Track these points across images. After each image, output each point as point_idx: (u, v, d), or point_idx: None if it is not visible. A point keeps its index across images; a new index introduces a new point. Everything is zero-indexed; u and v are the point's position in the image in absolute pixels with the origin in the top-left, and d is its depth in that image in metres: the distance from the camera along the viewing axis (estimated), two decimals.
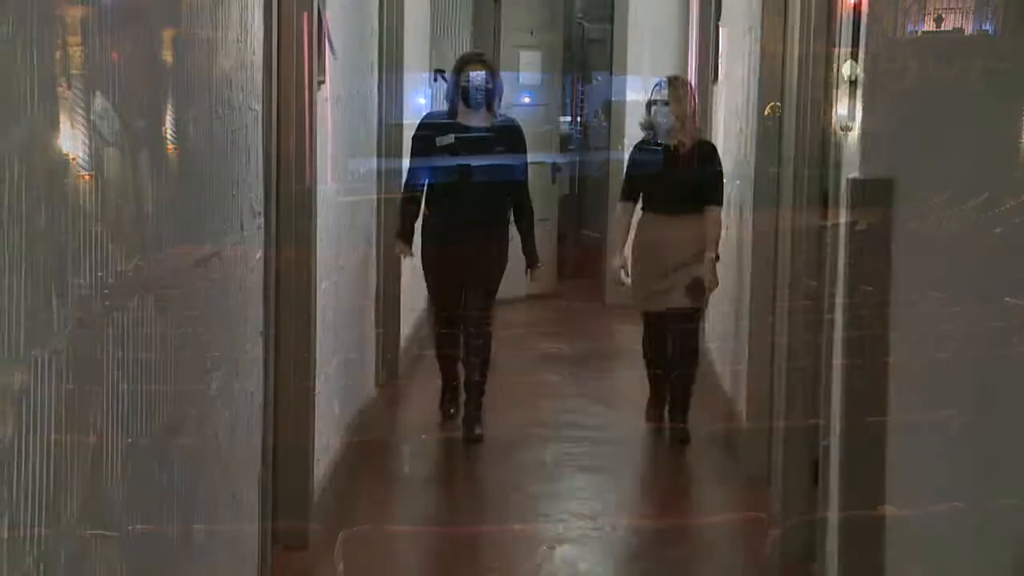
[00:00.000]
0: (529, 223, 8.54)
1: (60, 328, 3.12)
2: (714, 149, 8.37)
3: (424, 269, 8.54)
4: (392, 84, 9.16)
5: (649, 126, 8.31)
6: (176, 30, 3.98)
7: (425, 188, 8.35)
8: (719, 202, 8.09)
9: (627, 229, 8.38)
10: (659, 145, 8.21)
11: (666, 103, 8.06)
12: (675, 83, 8.29)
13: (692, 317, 8.34)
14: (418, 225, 8.43)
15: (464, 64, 8.34)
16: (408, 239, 8.40)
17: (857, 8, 5.00)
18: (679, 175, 8.11)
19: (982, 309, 4.90)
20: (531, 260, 8.54)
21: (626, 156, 9.12)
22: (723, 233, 8.33)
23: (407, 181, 8.42)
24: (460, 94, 8.17)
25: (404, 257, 8.73)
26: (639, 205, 8.39)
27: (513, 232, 8.69)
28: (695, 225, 8.02)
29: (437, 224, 8.29)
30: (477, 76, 8.16)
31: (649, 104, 8.27)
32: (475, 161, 8.12)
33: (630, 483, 7.57)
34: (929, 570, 4.96)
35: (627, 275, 8.32)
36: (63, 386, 3.15)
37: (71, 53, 3.16)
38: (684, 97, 8.16)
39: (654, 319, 8.34)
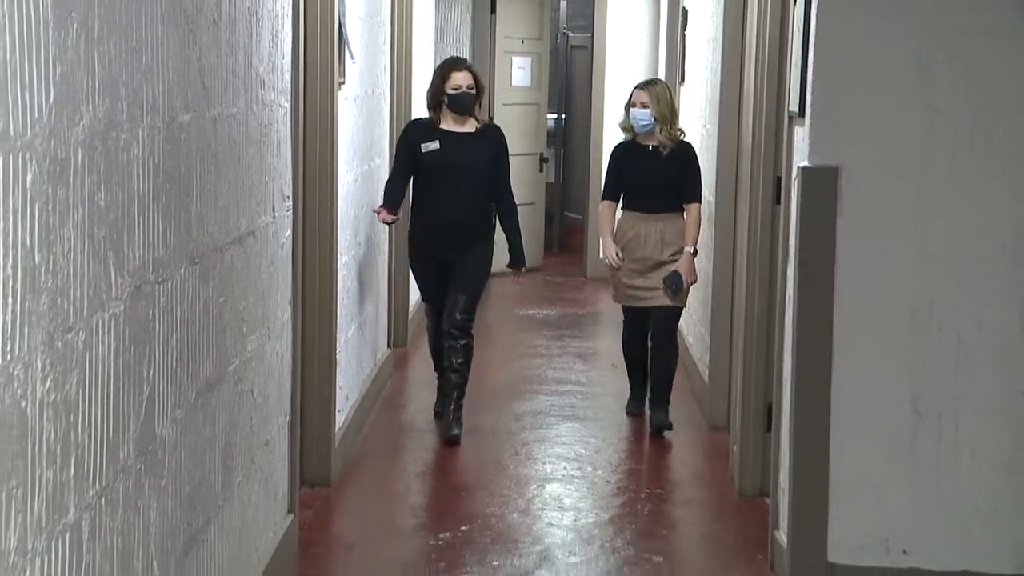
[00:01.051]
0: (515, 226, 7.58)
1: (118, 295, 3.13)
2: (692, 149, 7.57)
3: (412, 271, 7.84)
4: (402, 85, 9.13)
5: (629, 127, 7.52)
6: (216, 37, 3.98)
7: (409, 195, 7.62)
8: (699, 199, 7.48)
9: (612, 224, 7.57)
10: (640, 145, 7.49)
11: (646, 105, 7.30)
12: (653, 85, 7.58)
13: (673, 313, 7.50)
14: (404, 230, 7.77)
15: (448, 70, 7.27)
16: (393, 205, 7.29)
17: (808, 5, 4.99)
18: (660, 175, 7.40)
19: (913, 274, 4.91)
20: (517, 261, 7.66)
21: (606, 156, 8.56)
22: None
23: (389, 188, 7.38)
24: (446, 101, 7.17)
25: (388, 220, 7.40)
26: (620, 204, 7.70)
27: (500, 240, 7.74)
28: (676, 223, 7.40)
29: (422, 230, 7.38)
30: (463, 82, 7.14)
31: (628, 106, 7.47)
32: (459, 167, 7.17)
33: (609, 430, 7.57)
34: (866, 501, 4.97)
35: (620, 258, 7.41)
36: (120, 345, 3.16)
37: (128, 60, 3.15)
38: (663, 98, 7.39)
39: (636, 315, 7.60)
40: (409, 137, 7.36)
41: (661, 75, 11.33)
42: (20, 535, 2.59)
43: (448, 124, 7.22)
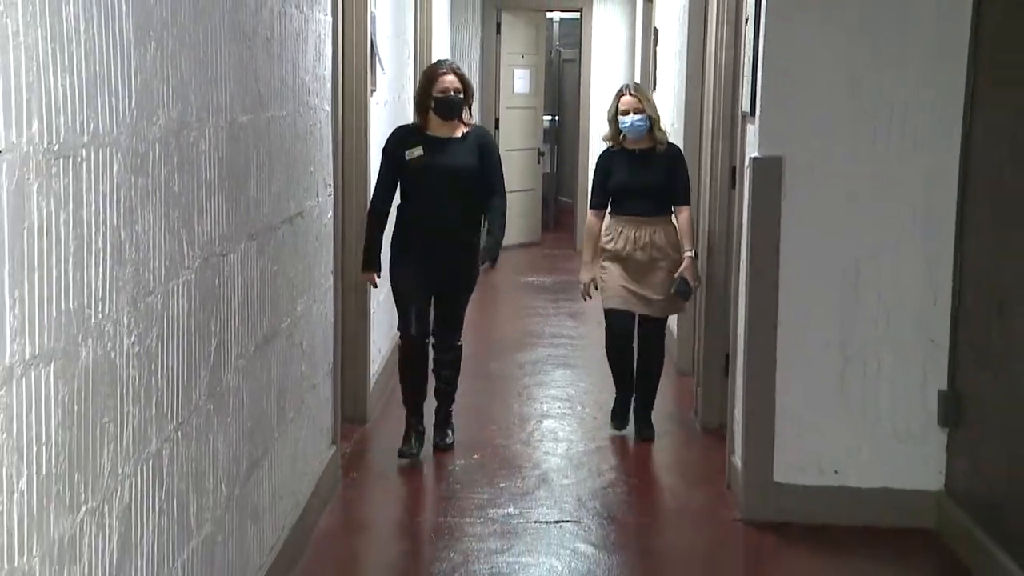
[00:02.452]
0: (499, 220, 5.96)
1: (189, 265, 3.15)
2: (680, 151, 6.31)
3: (392, 282, 5.93)
4: None
5: (616, 135, 6.12)
6: (270, 52, 3.98)
7: (393, 202, 5.90)
8: (689, 202, 6.17)
9: (598, 239, 6.20)
10: (629, 151, 6.11)
11: (639, 110, 5.99)
12: (638, 88, 6.28)
13: (664, 318, 6.28)
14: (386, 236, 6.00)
15: (435, 73, 5.79)
16: (376, 266, 5.82)
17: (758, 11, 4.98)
18: (652, 178, 6.06)
19: (842, 242, 4.91)
20: (490, 254, 5.93)
21: (592, 150, 7.95)
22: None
23: (375, 198, 5.87)
24: (432, 104, 5.69)
25: (371, 285, 6.03)
26: (608, 211, 6.28)
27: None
28: (667, 228, 6.09)
29: (406, 239, 5.80)
30: (450, 86, 5.68)
31: (615, 116, 6.09)
32: (445, 173, 5.70)
33: (595, 376, 7.57)
34: (804, 430, 4.98)
35: (596, 289, 6.21)
36: (192, 306, 3.18)
37: (196, 71, 3.16)
38: (650, 98, 6.22)
39: (622, 319, 6.16)
40: (393, 143, 5.84)
41: (637, 82, 11.29)
42: (112, 462, 2.61)
43: (434, 129, 5.73)
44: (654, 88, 9.78)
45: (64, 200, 2.32)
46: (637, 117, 6.00)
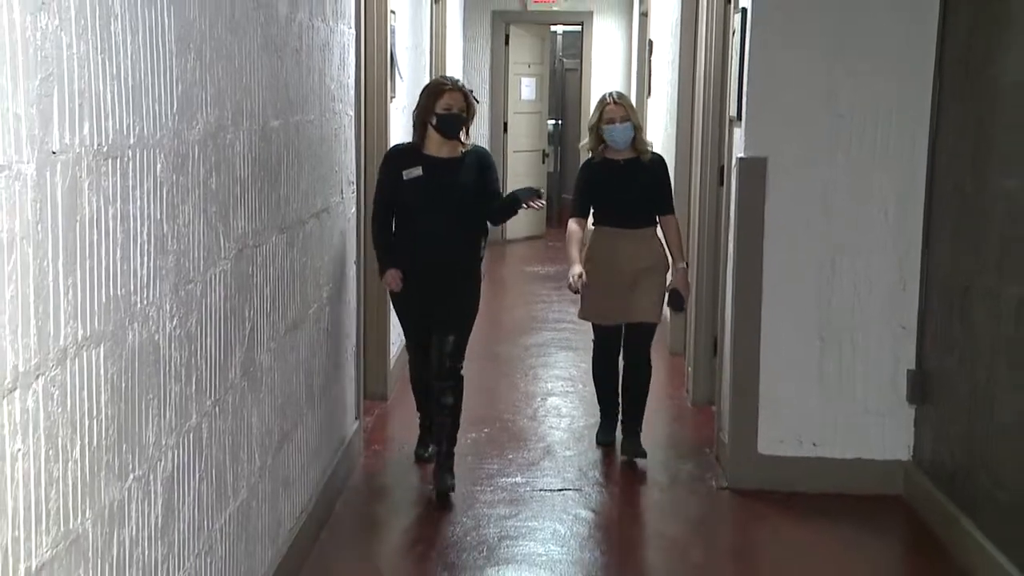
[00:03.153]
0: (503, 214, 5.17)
1: (225, 255, 3.15)
2: (663, 159, 5.55)
3: (393, 305, 5.33)
4: None
5: (598, 145, 5.35)
6: (298, 62, 3.98)
7: (392, 224, 5.06)
8: (674, 210, 5.48)
9: (581, 243, 5.41)
10: (612, 161, 5.35)
11: (625, 119, 5.26)
12: (624, 97, 5.50)
13: (650, 329, 5.46)
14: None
15: (440, 90, 4.94)
16: (395, 261, 4.99)
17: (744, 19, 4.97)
18: (637, 189, 5.33)
19: (820, 237, 4.91)
20: (518, 196, 5.04)
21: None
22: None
23: (375, 215, 5.06)
24: (435, 122, 4.87)
25: (392, 288, 5.08)
26: (590, 220, 5.53)
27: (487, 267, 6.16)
28: (652, 239, 5.40)
29: (404, 263, 4.98)
30: (454, 103, 4.87)
31: (597, 126, 5.33)
32: (444, 196, 4.89)
33: None
34: (785, 407, 4.98)
35: (583, 279, 5.20)
36: (228, 293, 3.18)
37: (232, 80, 3.16)
38: (632, 107, 5.48)
39: (608, 334, 5.49)
40: (391, 164, 5.01)
41: (633, 91, 11.23)
42: (156, 434, 2.62)
43: (433, 149, 4.92)
44: (649, 95, 9.78)
45: (112, 196, 2.32)
46: (622, 126, 5.27)
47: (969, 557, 4.17)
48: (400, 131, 6.93)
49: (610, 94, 5.45)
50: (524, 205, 4.99)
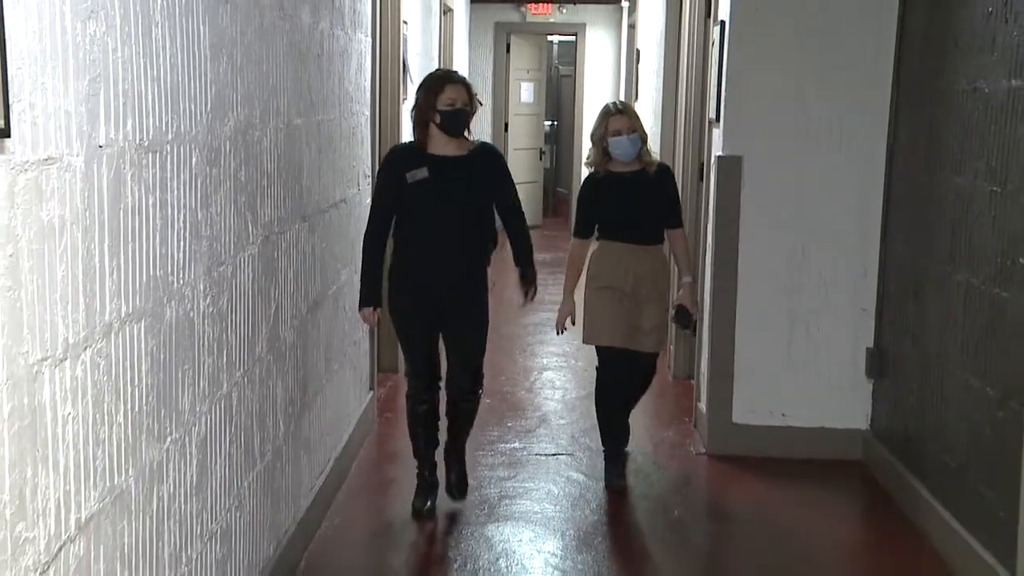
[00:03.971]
0: (525, 240, 4.39)
1: (253, 241, 3.15)
2: (670, 169, 4.73)
3: (394, 324, 4.26)
4: None
5: (602, 158, 4.49)
6: (320, 67, 3.97)
7: (392, 232, 4.16)
8: (682, 223, 4.64)
9: (581, 269, 4.64)
10: (618, 175, 4.48)
11: (633, 130, 4.43)
12: (629, 106, 4.71)
13: (654, 361, 4.66)
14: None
15: (440, 83, 4.09)
16: (377, 300, 4.14)
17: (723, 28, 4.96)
18: (646, 203, 4.49)
19: (791, 228, 4.91)
20: (530, 283, 4.44)
21: (586, 149, 7.09)
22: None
23: (371, 224, 4.13)
24: (439, 119, 4.03)
25: (370, 325, 4.46)
26: (595, 236, 4.63)
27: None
28: (661, 254, 4.58)
29: (407, 273, 4.14)
30: (457, 97, 4.05)
31: (600, 138, 4.48)
32: (453, 197, 4.06)
33: None
34: (758, 380, 4.98)
35: (572, 323, 4.66)
36: (255, 275, 3.18)
37: (260, 82, 3.16)
38: (638, 117, 4.61)
39: (616, 359, 4.56)
40: (394, 165, 4.11)
41: (621, 95, 11.20)
42: (191, 401, 2.63)
43: (437, 147, 4.05)
44: (636, 99, 9.74)
45: (152, 186, 2.32)
46: (629, 138, 4.44)
47: (919, 514, 4.19)
48: (410, 129, 6.90)
49: (614, 104, 4.64)
50: (526, 296, 4.42)
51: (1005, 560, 3.41)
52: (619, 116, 4.50)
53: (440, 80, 4.12)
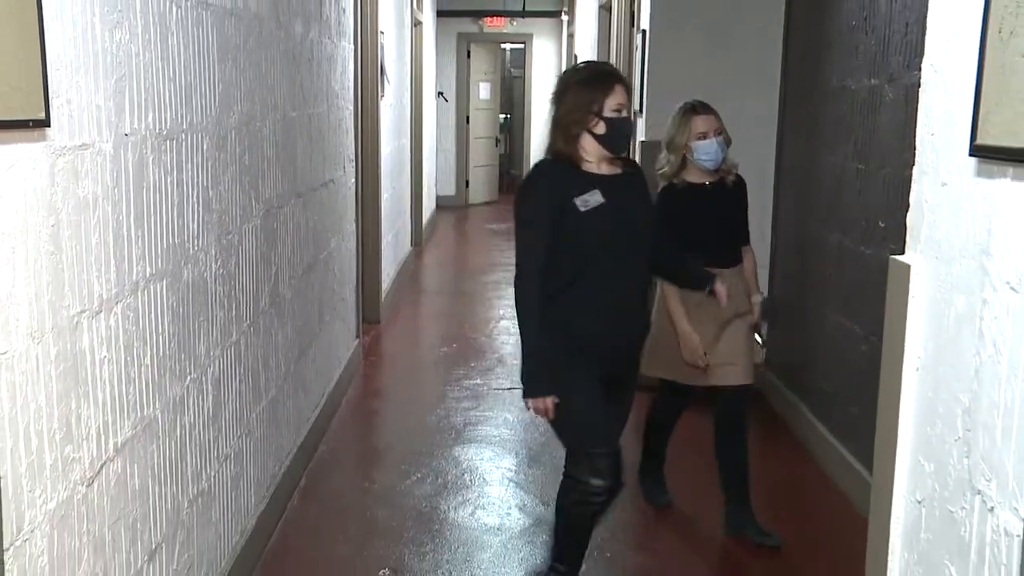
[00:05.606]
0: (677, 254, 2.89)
1: (256, 214, 3.14)
2: (744, 180, 3.39)
3: (563, 406, 2.50)
4: (417, 96, 9.04)
5: (681, 167, 3.23)
6: (311, 69, 3.94)
7: (556, 279, 2.54)
8: (749, 238, 3.41)
9: (680, 298, 3.15)
10: (699, 187, 3.25)
11: (719, 132, 3.21)
12: (710, 107, 3.29)
13: (747, 391, 3.29)
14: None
15: (612, 81, 2.52)
16: (553, 384, 2.49)
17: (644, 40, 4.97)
18: (728, 217, 3.31)
19: None
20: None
21: (534, 140, 6.76)
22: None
23: (526, 274, 2.58)
24: (602, 128, 2.48)
25: (548, 415, 2.52)
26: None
27: None
28: (741, 274, 3.29)
29: (577, 337, 2.51)
30: (623, 101, 2.51)
31: (680, 145, 3.22)
32: (632, 230, 2.54)
33: None
34: None
35: (705, 354, 3.18)
36: (258, 242, 3.17)
37: (260, 81, 3.13)
38: (720, 120, 3.27)
39: (688, 394, 3.43)
40: (553, 189, 2.52)
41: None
42: (206, 347, 2.63)
43: (591, 165, 2.57)
44: None
45: (170, 168, 2.32)
46: (717, 140, 3.20)
47: (802, 431, 4.28)
48: (388, 120, 6.89)
49: (695, 103, 3.27)
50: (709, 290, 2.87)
51: (866, 464, 3.51)
52: (707, 116, 3.22)
53: (609, 77, 2.58)
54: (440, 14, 12.01)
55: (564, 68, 11.40)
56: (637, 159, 5.03)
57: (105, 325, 1.96)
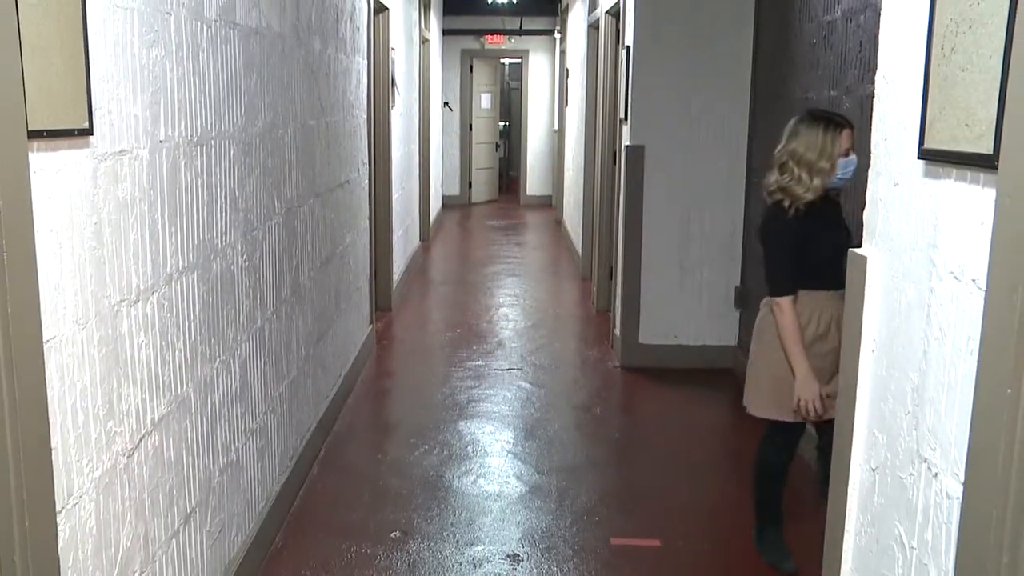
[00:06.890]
0: None
1: (279, 212, 3.13)
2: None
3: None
4: (425, 106, 9.02)
5: (820, 187, 2.52)
6: (328, 82, 3.93)
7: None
8: None
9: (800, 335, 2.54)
10: (825, 205, 2.57)
11: (852, 150, 2.52)
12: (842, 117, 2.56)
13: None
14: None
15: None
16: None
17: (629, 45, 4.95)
18: (847, 238, 2.55)
19: (680, 200, 4.95)
20: None
21: (530, 146, 6.37)
22: None
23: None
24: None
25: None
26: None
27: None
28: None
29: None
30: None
31: (828, 163, 2.48)
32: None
33: (531, 280, 7.61)
34: (657, 311, 5.04)
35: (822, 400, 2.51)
36: (280, 238, 3.17)
37: (282, 93, 3.13)
38: None
39: (796, 429, 2.72)
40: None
41: (555, 104, 11.14)
42: (233, 332, 2.63)
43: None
44: (567, 104, 9.71)
45: (200, 171, 2.32)
46: (854, 158, 2.57)
47: None
48: (398, 128, 6.87)
49: (835, 116, 2.58)
50: None
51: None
52: (850, 130, 2.55)
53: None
54: (446, 32, 12.01)
55: (557, 80, 11.43)
56: (623, 161, 5.03)
57: (142, 313, 1.97)
